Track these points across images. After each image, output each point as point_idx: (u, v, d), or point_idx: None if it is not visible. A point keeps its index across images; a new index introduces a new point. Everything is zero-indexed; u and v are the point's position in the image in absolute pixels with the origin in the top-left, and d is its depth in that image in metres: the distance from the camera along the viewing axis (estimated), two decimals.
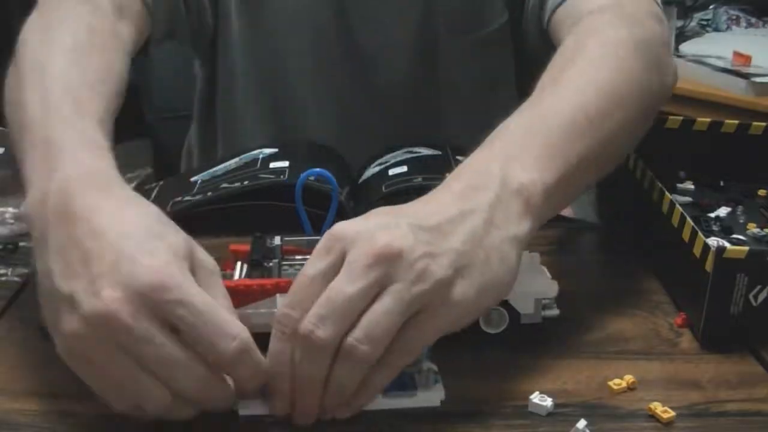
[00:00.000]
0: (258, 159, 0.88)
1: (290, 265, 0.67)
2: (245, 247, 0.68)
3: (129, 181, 0.85)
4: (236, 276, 0.66)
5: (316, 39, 0.97)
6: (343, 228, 0.54)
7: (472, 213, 0.56)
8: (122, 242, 0.53)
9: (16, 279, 0.74)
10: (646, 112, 0.72)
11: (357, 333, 0.52)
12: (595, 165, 0.66)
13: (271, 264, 0.65)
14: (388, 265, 0.52)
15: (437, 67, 0.98)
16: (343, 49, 0.97)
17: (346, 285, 0.52)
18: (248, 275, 0.65)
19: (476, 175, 0.59)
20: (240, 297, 0.62)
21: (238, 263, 0.67)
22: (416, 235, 0.53)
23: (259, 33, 0.97)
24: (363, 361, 0.52)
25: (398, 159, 0.89)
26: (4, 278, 0.74)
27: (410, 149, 0.91)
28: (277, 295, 0.62)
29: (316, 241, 0.68)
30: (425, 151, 0.91)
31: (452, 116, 1.00)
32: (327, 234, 0.55)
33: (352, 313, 0.52)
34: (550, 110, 0.65)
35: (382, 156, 0.91)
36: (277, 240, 0.67)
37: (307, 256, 0.66)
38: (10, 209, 0.83)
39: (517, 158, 0.60)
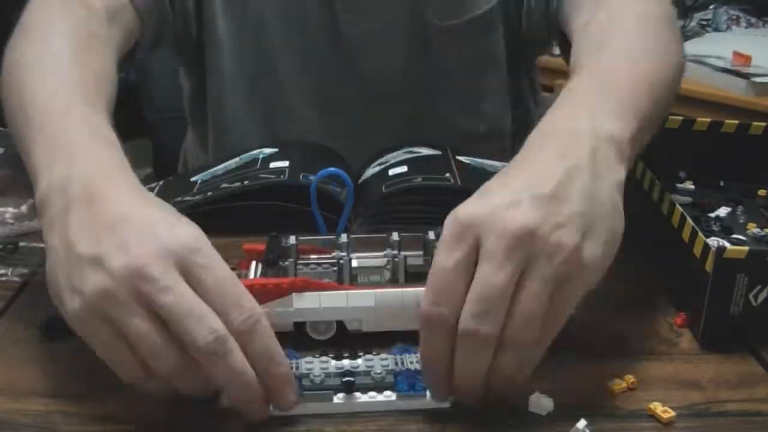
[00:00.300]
0: (258, 159, 0.88)
1: (305, 265, 0.67)
2: (260, 246, 0.68)
3: None
4: (251, 275, 0.66)
5: (302, 34, 0.97)
6: (468, 213, 0.54)
7: (577, 169, 0.57)
8: (153, 214, 0.56)
9: (16, 279, 0.74)
10: (677, 81, 0.75)
11: (516, 323, 0.53)
12: (652, 125, 0.68)
13: (286, 263, 0.66)
14: (525, 246, 0.53)
15: (428, 54, 0.98)
16: (328, 42, 0.97)
17: (494, 276, 0.52)
18: (263, 274, 0.65)
19: (566, 131, 0.60)
20: (255, 296, 0.62)
21: (253, 262, 0.67)
22: (541, 209, 0.54)
23: (245, 32, 0.97)
24: (525, 347, 0.53)
25: (398, 159, 0.89)
26: (4, 278, 0.74)
27: (410, 149, 0.91)
28: (293, 294, 0.62)
29: (331, 240, 0.68)
30: (425, 151, 0.91)
31: (443, 101, 1.01)
32: (453, 220, 0.54)
33: (506, 301, 0.53)
34: (611, 73, 0.67)
35: (381, 156, 0.91)
36: (293, 239, 0.67)
37: (323, 256, 0.67)
38: (10, 209, 0.83)
39: (599, 110, 0.62)
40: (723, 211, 0.76)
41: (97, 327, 0.53)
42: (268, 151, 0.90)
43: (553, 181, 0.56)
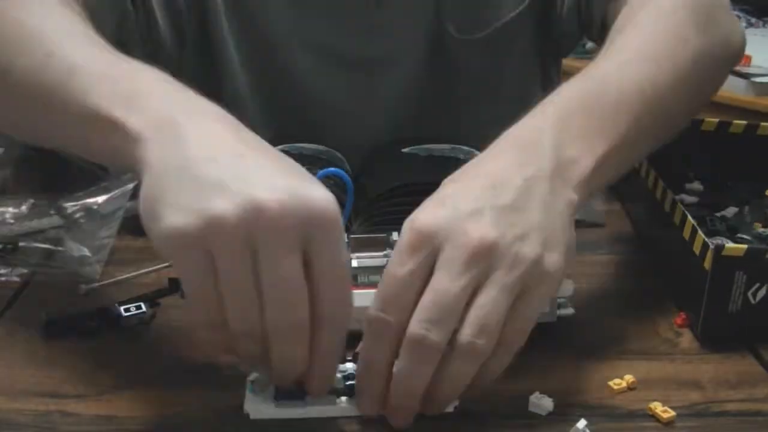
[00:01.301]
0: None
1: None
2: None
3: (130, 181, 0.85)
4: None
5: (320, 55, 0.92)
6: (427, 222, 0.53)
7: (535, 179, 0.56)
8: (283, 159, 0.53)
9: (16, 279, 0.74)
10: (703, 76, 0.71)
11: (470, 329, 0.51)
12: (647, 135, 0.66)
13: None
14: (485, 258, 0.52)
15: (448, 69, 0.95)
16: (347, 59, 0.92)
17: (449, 285, 0.51)
18: None
19: (529, 140, 0.59)
20: None
21: None
22: (502, 220, 0.53)
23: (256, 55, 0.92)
24: (482, 355, 0.52)
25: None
26: (4, 278, 0.74)
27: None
28: None
29: None
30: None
31: (466, 113, 0.97)
32: (410, 229, 0.53)
33: (459, 311, 0.52)
34: (602, 81, 0.65)
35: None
36: None
37: None
38: (10, 209, 0.83)
39: (569, 127, 0.60)
40: (730, 212, 0.76)
41: (187, 258, 0.48)
42: None
43: (512, 191, 0.55)
